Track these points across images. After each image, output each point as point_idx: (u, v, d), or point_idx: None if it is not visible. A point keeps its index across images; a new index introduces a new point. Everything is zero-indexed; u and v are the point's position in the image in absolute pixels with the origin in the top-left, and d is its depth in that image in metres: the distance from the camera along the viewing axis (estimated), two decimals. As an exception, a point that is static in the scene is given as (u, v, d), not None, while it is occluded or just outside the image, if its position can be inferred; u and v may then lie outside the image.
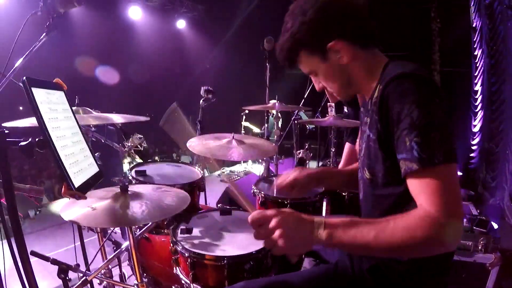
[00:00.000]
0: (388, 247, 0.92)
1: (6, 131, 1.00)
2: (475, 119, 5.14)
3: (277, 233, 0.94)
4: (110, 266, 1.83)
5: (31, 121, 1.62)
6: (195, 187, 2.03)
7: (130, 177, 1.99)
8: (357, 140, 1.40)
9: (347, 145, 3.47)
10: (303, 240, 0.96)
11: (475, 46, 5.22)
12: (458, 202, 0.93)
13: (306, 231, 0.96)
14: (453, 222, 0.89)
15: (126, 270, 2.07)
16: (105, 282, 1.95)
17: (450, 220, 0.89)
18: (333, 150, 3.59)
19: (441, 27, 6.27)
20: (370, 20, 1.13)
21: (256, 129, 6.73)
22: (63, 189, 1.00)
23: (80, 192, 1.03)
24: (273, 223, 0.96)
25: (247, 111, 6.25)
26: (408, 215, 0.92)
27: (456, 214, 0.90)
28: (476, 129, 5.09)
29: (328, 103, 3.91)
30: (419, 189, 0.95)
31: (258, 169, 6.10)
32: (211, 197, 3.12)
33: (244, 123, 6.34)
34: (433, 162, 0.91)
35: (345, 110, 4.10)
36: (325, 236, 0.94)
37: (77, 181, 1.06)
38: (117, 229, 2.31)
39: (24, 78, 0.98)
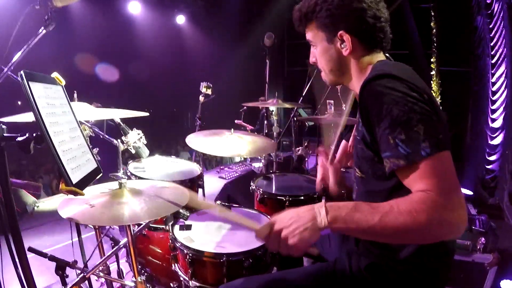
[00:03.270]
0: (392, 230, 0.92)
1: (3, 126, 0.99)
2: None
3: (283, 235, 0.96)
4: (108, 263, 1.83)
5: (28, 116, 1.60)
6: (193, 184, 2.03)
7: (129, 173, 1.98)
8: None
9: (343, 142, 3.46)
10: (308, 231, 0.95)
11: (475, 45, 5.21)
12: (455, 186, 0.92)
13: (307, 221, 0.96)
14: (454, 204, 0.89)
15: (124, 266, 2.07)
16: (103, 279, 1.94)
17: (450, 203, 0.89)
18: (332, 147, 3.58)
19: (441, 26, 6.26)
20: (386, 29, 1.17)
21: (250, 127, 6.68)
22: (60, 185, 0.99)
23: (78, 188, 1.02)
24: (274, 229, 0.98)
25: (245, 108, 6.23)
26: (409, 198, 0.93)
27: (455, 197, 0.90)
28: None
29: (328, 100, 3.90)
30: (414, 180, 0.95)
31: (257, 165, 6.09)
32: (210, 194, 3.11)
33: (237, 121, 6.28)
34: (420, 156, 0.92)
35: (343, 107, 4.09)
36: (329, 220, 0.95)
37: (75, 177, 1.04)
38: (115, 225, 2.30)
39: (22, 72, 0.96)
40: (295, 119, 4.16)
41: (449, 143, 0.95)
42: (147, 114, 1.98)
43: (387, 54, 1.23)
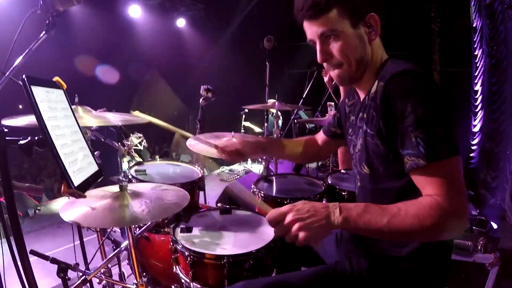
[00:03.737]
0: (399, 232, 0.97)
1: (5, 130, 1.00)
2: (475, 119, 5.14)
3: (295, 227, 0.97)
4: (109, 265, 1.83)
5: (30, 120, 1.61)
6: (194, 186, 2.03)
7: (130, 176, 1.99)
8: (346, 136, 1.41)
9: (341, 147, 3.46)
10: (321, 227, 0.98)
11: (475, 46, 5.21)
12: (463, 192, 0.97)
13: (322, 218, 0.98)
14: (459, 211, 0.94)
15: (126, 269, 2.07)
16: (104, 281, 1.95)
17: (456, 210, 0.94)
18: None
19: (441, 27, 6.27)
20: None
21: (257, 129, 6.70)
22: (62, 187, 1.00)
23: (80, 191, 1.03)
24: (289, 218, 0.99)
25: (246, 110, 6.24)
26: (418, 203, 0.97)
27: (461, 204, 0.95)
28: (476, 129, 5.09)
29: (328, 102, 3.91)
30: (426, 181, 0.98)
31: (257, 168, 6.09)
32: (211, 196, 3.11)
33: (244, 123, 6.30)
34: (438, 157, 0.95)
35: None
36: (341, 220, 0.98)
37: (77, 179, 1.05)
38: (117, 228, 2.31)
39: (24, 76, 0.97)
40: (295, 121, 4.17)
41: (459, 148, 0.98)
42: (148, 116, 1.99)
43: None
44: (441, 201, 0.94)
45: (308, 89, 3.64)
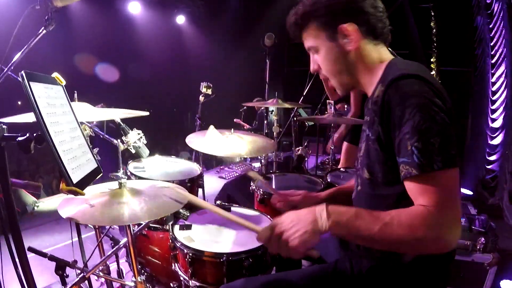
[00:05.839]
0: (390, 241, 0.95)
1: (3, 126, 0.99)
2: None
3: (282, 240, 0.96)
4: (108, 263, 1.83)
5: (29, 116, 1.60)
6: (193, 184, 2.03)
7: (129, 173, 1.99)
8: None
9: (345, 144, 3.47)
10: (307, 234, 0.96)
11: (475, 45, 5.21)
12: (456, 205, 0.94)
13: (307, 224, 0.97)
14: (452, 224, 0.92)
15: (124, 266, 2.07)
16: (102, 279, 1.94)
17: (449, 223, 0.91)
18: (332, 147, 3.58)
19: (441, 26, 6.26)
20: (385, 17, 1.15)
21: (247, 126, 6.66)
22: (61, 185, 0.99)
23: (78, 188, 1.02)
24: (275, 232, 0.98)
25: (245, 107, 6.23)
26: (410, 212, 0.94)
27: (454, 217, 0.93)
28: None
29: (328, 101, 3.90)
30: (419, 192, 0.96)
31: (256, 165, 6.09)
32: (210, 193, 3.11)
33: (236, 120, 6.26)
34: (432, 168, 0.92)
35: (345, 107, 4.10)
36: (330, 225, 0.96)
37: (75, 177, 1.05)
38: (115, 225, 2.30)
39: (22, 72, 0.97)
40: (295, 119, 4.16)
41: (457, 160, 0.95)
42: (147, 113, 1.98)
43: (389, 49, 1.21)
44: (434, 211, 0.91)
45: (308, 87, 3.63)
